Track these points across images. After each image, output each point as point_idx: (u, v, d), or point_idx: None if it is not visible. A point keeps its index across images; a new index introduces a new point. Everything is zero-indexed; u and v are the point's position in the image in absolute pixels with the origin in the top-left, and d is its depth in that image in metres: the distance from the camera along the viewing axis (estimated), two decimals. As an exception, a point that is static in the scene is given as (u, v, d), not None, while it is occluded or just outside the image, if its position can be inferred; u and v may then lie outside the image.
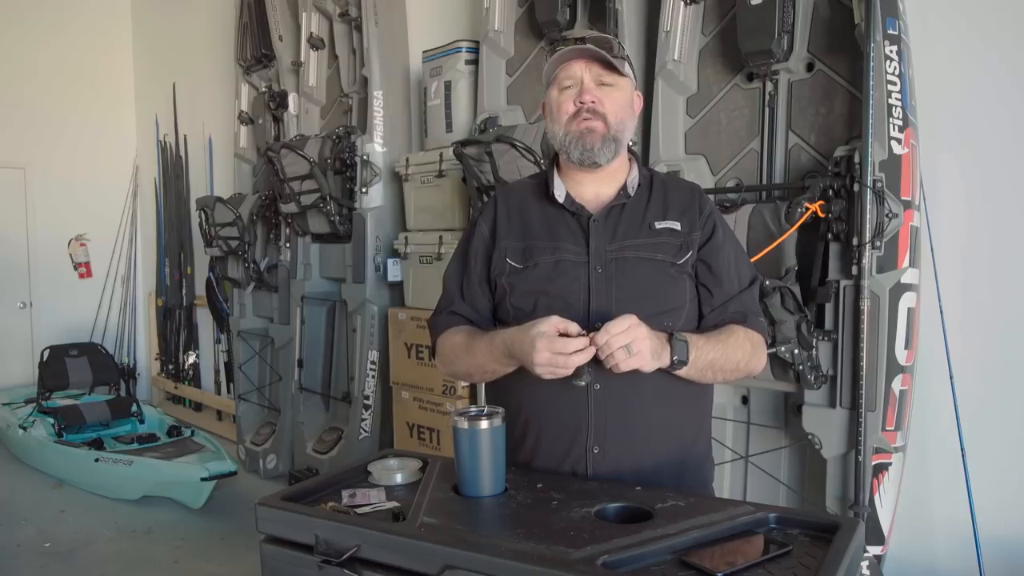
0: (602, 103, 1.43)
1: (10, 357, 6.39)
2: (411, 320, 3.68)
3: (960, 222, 2.46)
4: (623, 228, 1.47)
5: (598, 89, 1.44)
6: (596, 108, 1.43)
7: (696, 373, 1.40)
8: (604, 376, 1.38)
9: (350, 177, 3.99)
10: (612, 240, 1.46)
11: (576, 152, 1.45)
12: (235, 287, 4.99)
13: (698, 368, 1.39)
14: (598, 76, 1.44)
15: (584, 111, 1.43)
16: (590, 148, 1.44)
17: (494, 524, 1.23)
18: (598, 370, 1.36)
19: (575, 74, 1.44)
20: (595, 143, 1.44)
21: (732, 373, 1.46)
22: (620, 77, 1.45)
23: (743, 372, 1.48)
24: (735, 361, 1.44)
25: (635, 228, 1.47)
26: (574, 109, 1.44)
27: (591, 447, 1.42)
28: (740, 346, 1.45)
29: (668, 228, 1.47)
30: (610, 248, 1.45)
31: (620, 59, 1.45)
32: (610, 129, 1.44)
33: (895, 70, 2.26)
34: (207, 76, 5.92)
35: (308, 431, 4.41)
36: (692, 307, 1.47)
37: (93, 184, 6.69)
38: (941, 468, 2.47)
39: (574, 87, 1.44)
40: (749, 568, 1.04)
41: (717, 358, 1.41)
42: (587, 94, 1.43)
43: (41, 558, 3.60)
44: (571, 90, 1.45)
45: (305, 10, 4.41)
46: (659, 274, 1.44)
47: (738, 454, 2.69)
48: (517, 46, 3.43)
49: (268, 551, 1.26)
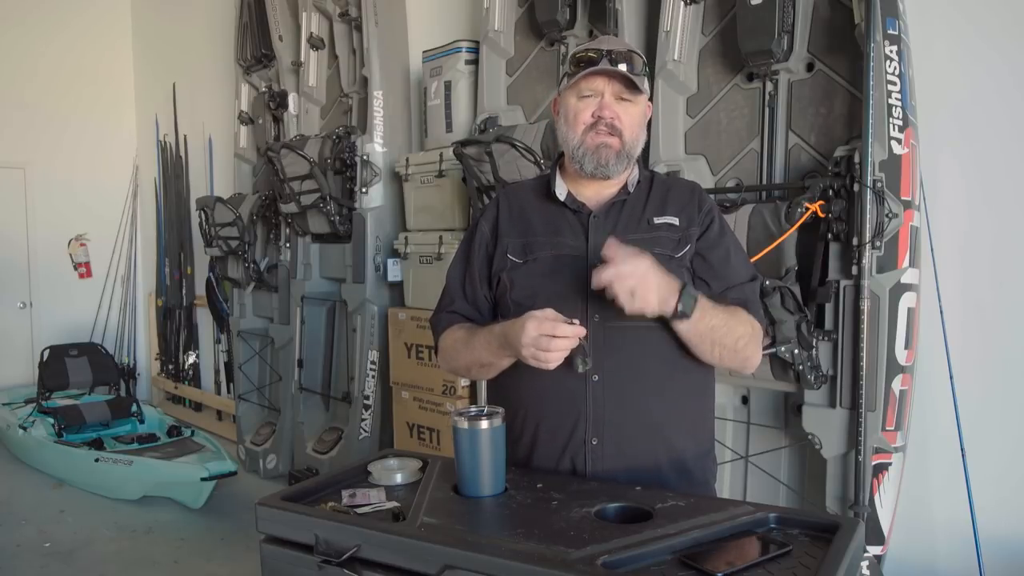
0: (620, 119, 1.46)
1: (10, 357, 6.38)
2: (411, 320, 3.68)
3: (960, 222, 2.46)
4: (622, 223, 1.50)
5: (617, 104, 1.46)
6: (614, 124, 1.45)
7: (695, 336, 1.40)
8: (603, 367, 1.42)
9: (350, 177, 3.98)
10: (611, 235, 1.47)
11: (590, 165, 1.47)
12: (235, 287, 4.99)
13: (699, 331, 1.39)
14: (619, 92, 1.46)
15: (602, 124, 1.45)
16: (604, 163, 1.47)
17: (494, 524, 1.23)
18: (597, 361, 1.39)
19: (597, 87, 1.46)
20: (610, 159, 1.46)
21: (730, 352, 1.45)
22: (639, 94, 1.48)
23: (740, 356, 1.47)
24: (735, 337, 1.43)
25: (634, 223, 1.50)
26: (591, 120, 1.46)
27: (589, 438, 1.44)
28: (742, 324, 1.45)
29: (666, 223, 1.49)
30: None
31: (641, 77, 1.47)
32: (625, 146, 1.47)
33: (895, 70, 2.26)
34: (207, 76, 5.91)
35: (308, 431, 4.41)
36: None
37: (93, 184, 6.69)
38: (941, 468, 2.47)
39: (594, 98, 1.46)
40: (749, 568, 1.04)
41: (719, 326, 1.40)
42: (607, 109, 1.45)
43: (41, 558, 3.60)
44: (590, 100, 1.46)
45: (305, 10, 4.41)
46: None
47: (738, 454, 2.69)
48: (517, 46, 3.43)
49: (268, 551, 1.26)
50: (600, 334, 1.43)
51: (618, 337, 1.44)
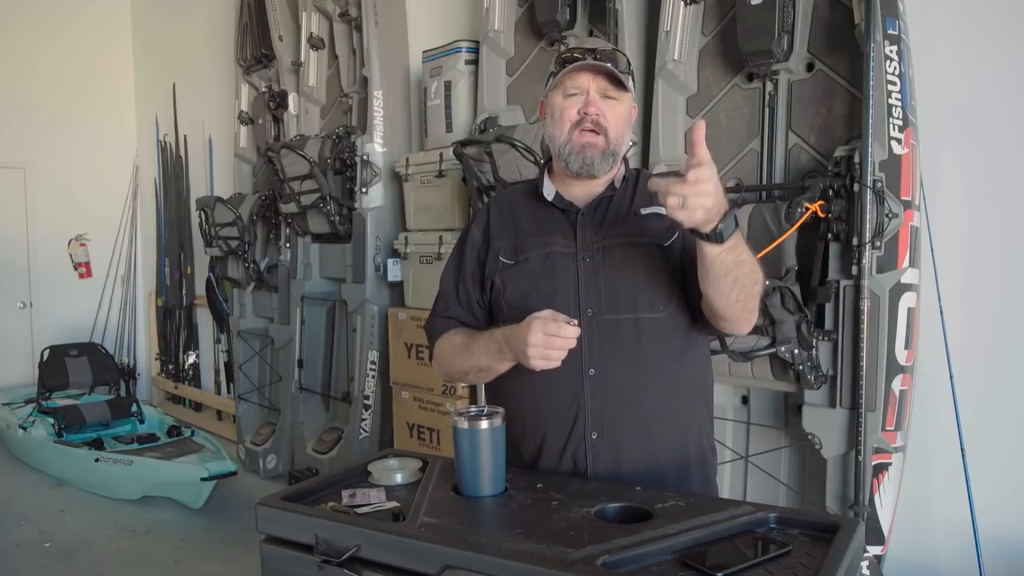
0: (605, 116, 1.46)
1: (10, 357, 6.39)
2: (411, 320, 3.68)
3: (960, 222, 2.46)
4: (610, 218, 1.51)
5: (603, 102, 1.46)
6: (599, 121, 1.46)
7: (721, 266, 1.30)
8: (599, 361, 1.43)
9: (350, 177, 3.98)
10: (599, 231, 1.50)
11: (575, 164, 1.48)
12: (235, 287, 4.99)
13: (727, 261, 1.29)
14: (604, 89, 1.46)
15: (587, 122, 1.46)
16: (590, 162, 1.47)
17: (494, 524, 1.23)
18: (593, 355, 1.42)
19: (582, 84, 1.46)
20: (595, 157, 1.47)
21: (745, 296, 1.37)
22: (624, 92, 1.48)
23: (750, 306, 1.40)
24: (754, 281, 1.37)
25: (621, 217, 1.51)
26: (577, 118, 1.47)
27: (589, 433, 1.45)
28: (760, 273, 1.40)
29: (654, 213, 1.49)
30: (597, 238, 1.49)
31: (626, 74, 1.48)
32: (610, 144, 1.48)
33: (895, 70, 2.26)
34: (207, 76, 5.91)
35: (308, 431, 4.41)
36: (680, 292, 1.48)
37: (93, 184, 6.69)
38: (941, 468, 2.47)
39: (579, 96, 1.47)
40: (749, 568, 1.04)
41: (746, 262, 1.33)
42: (592, 106, 1.46)
43: (41, 558, 3.60)
44: (576, 98, 1.47)
45: (305, 10, 4.41)
46: (647, 257, 1.47)
47: (738, 454, 2.69)
48: (517, 46, 3.43)
49: (268, 551, 1.26)
50: (594, 328, 1.44)
51: (612, 330, 1.45)
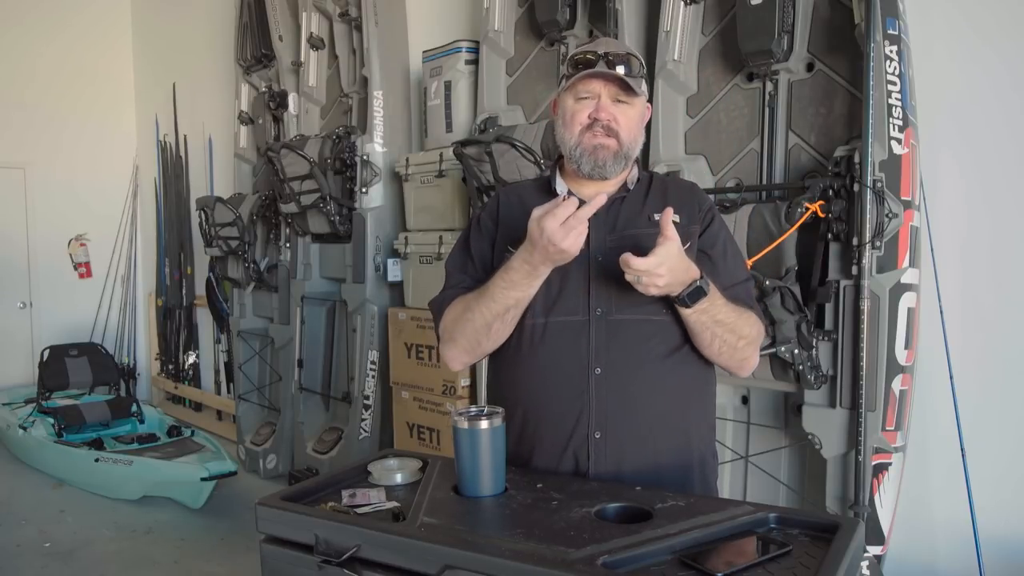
0: (617, 121, 1.46)
1: (10, 357, 6.39)
2: (411, 320, 3.68)
3: (960, 222, 2.46)
4: (623, 219, 1.50)
5: (614, 106, 1.46)
6: (611, 126, 1.45)
7: (696, 323, 1.40)
8: (605, 361, 1.43)
9: (350, 177, 3.98)
10: (612, 231, 1.49)
11: (587, 166, 1.48)
12: (235, 287, 4.99)
13: (702, 320, 1.39)
14: (615, 94, 1.46)
15: (598, 126, 1.45)
16: (601, 164, 1.47)
17: (494, 524, 1.23)
18: (599, 354, 1.42)
19: (593, 89, 1.46)
20: (607, 160, 1.47)
21: (729, 349, 1.45)
22: (636, 96, 1.48)
23: (738, 357, 1.47)
24: (737, 336, 1.44)
25: (634, 219, 1.50)
26: (588, 121, 1.46)
27: (592, 432, 1.44)
28: (748, 327, 1.46)
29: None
30: (610, 238, 1.48)
31: (638, 79, 1.47)
32: (623, 147, 1.47)
33: (895, 70, 2.26)
34: (207, 76, 5.91)
35: (308, 431, 4.41)
36: None
37: (93, 184, 6.69)
38: (941, 468, 2.47)
39: (591, 100, 1.46)
40: (749, 568, 1.04)
41: (725, 320, 1.41)
42: (603, 112, 1.45)
43: (41, 558, 3.59)
44: (587, 102, 1.46)
45: (305, 10, 4.41)
46: None
47: (738, 454, 2.69)
48: (517, 46, 3.43)
49: (268, 551, 1.26)
50: (602, 327, 1.44)
51: (620, 330, 1.44)
